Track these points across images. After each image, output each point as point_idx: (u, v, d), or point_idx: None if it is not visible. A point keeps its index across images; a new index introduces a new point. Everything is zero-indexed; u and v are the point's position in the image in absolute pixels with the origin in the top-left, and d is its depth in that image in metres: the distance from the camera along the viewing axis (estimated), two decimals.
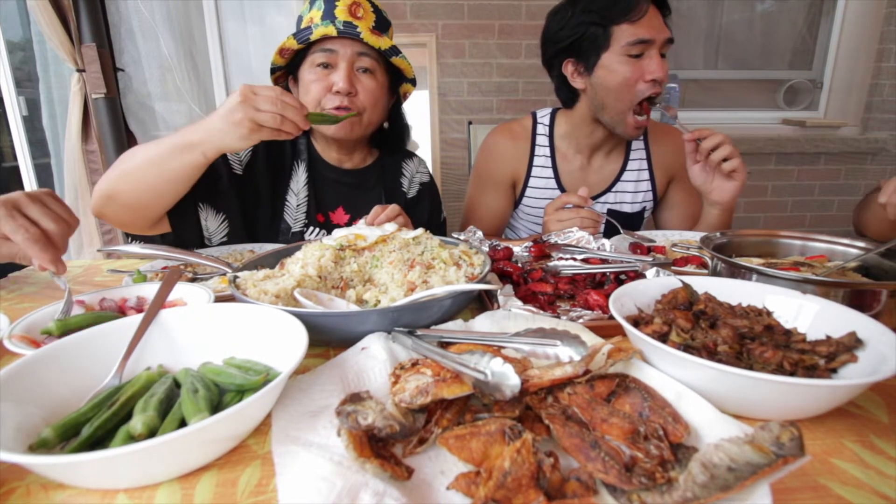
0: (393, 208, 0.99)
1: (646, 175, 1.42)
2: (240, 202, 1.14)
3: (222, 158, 1.12)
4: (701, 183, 1.19)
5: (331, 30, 1.05)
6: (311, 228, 1.21)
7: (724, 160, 1.12)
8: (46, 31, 2.03)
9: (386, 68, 1.16)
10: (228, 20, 2.49)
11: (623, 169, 1.41)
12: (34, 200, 0.68)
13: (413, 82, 1.23)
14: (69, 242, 0.71)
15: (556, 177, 1.41)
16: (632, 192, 1.42)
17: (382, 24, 1.15)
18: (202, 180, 0.99)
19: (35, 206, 0.67)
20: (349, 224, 1.16)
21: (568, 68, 1.28)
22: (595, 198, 1.42)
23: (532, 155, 1.41)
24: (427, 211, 1.36)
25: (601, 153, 1.40)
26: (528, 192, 1.43)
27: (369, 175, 1.29)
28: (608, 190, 1.41)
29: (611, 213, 1.42)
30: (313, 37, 1.06)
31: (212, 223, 1.11)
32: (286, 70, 1.20)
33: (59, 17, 2.02)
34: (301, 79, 1.14)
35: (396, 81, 1.23)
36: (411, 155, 1.38)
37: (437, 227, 1.40)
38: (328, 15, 1.09)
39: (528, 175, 1.42)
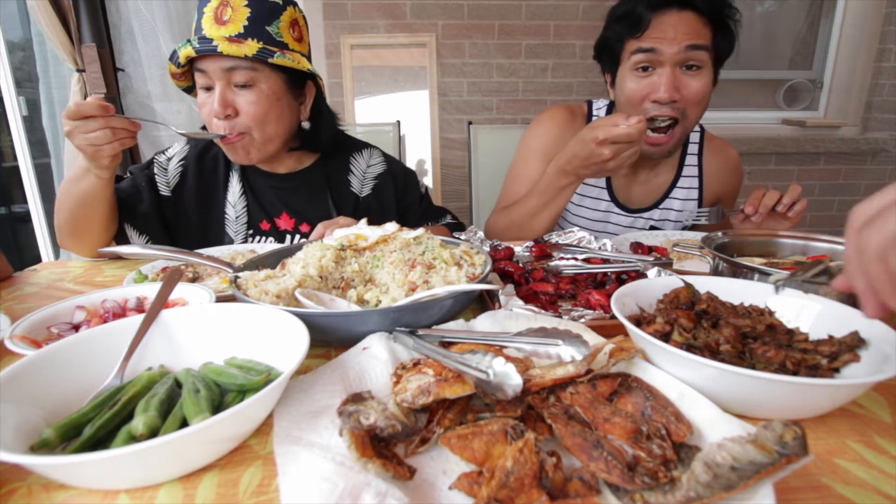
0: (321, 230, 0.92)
1: (695, 194, 1.30)
2: (162, 225, 1.15)
3: (147, 182, 1.14)
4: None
5: (189, 51, 0.97)
6: (257, 238, 1.17)
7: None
8: (46, 31, 2.03)
9: (279, 69, 1.04)
10: None
11: (674, 185, 1.30)
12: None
13: (311, 75, 1.09)
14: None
15: (608, 179, 1.30)
16: (677, 211, 1.31)
17: (261, 19, 1.00)
18: (124, 202, 1.09)
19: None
20: (295, 229, 1.18)
21: (607, 77, 1.23)
22: (640, 212, 1.32)
23: None
24: (393, 198, 1.25)
25: (648, 165, 1.28)
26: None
27: (311, 176, 1.20)
28: (655, 206, 1.30)
29: (652, 229, 1.31)
30: (181, 61, 1.00)
31: (137, 242, 1.12)
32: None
33: (59, 17, 2.01)
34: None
35: (301, 78, 1.10)
36: (360, 148, 1.26)
37: (420, 202, 1.29)
38: (197, 29, 1.01)
39: None
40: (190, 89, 1.12)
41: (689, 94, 1.07)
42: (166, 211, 1.15)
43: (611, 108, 1.34)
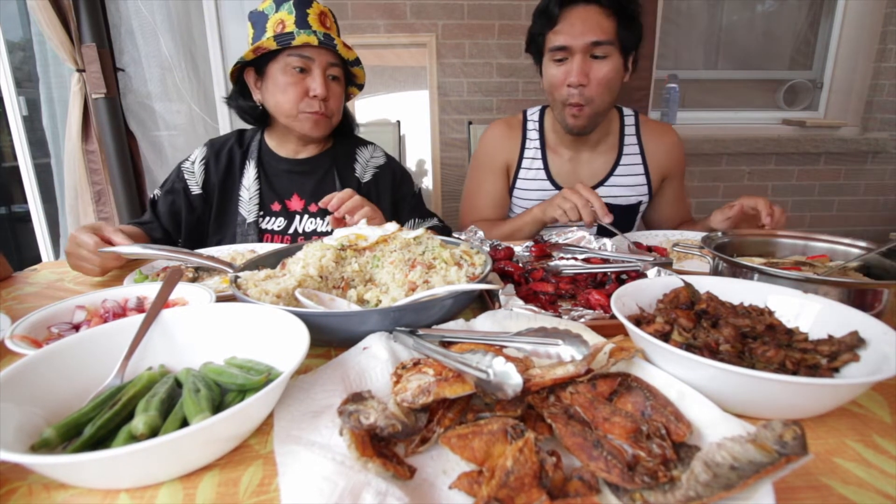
0: (347, 195, 1.05)
1: (640, 170, 1.44)
2: (196, 220, 1.31)
3: (185, 198, 1.29)
4: (720, 225, 1.20)
5: (313, 39, 1.16)
6: (268, 218, 1.31)
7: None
8: (46, 31, 2.03)
9: (345, 75, 1.30)
10: (228, 20, 2.49)
11: (616, 164, 1.44)
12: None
13: (361, 87, 1.38)
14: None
15: (546, 169, 1.46)
16: (626, 186, 1.44)
17: (339, 33, 1.28)
18: (168, 228, 1.28)
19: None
20: (305, 209, 1.33)
21: (537, 67, 1.39)
22: None
23: (523, 148, 1.48)
24: (389, 188, 1.41)
25: (587, 147, 1.44)
26: (519, 183, 1.48)
27: (321, 162, 1.37)
28: (601, 184, 1.44)
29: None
30: (295, 43, 1.16)
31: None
32: (244, 63, 1.26)
33: (59, 17, 2.01)
34: (272, 77, 1.22)
35: (347, 83, 1.36)
36: (365, 143, 1.46)
37: (412, 198, 1.44)
38: (302, 23, 1.18)
39: (519, 166, 1.48)
40: (237, 63, 1.25)
41: (596, 78, 1.25)
42: (198, 207, 1.31)
43: (542, 113, 1.51)
